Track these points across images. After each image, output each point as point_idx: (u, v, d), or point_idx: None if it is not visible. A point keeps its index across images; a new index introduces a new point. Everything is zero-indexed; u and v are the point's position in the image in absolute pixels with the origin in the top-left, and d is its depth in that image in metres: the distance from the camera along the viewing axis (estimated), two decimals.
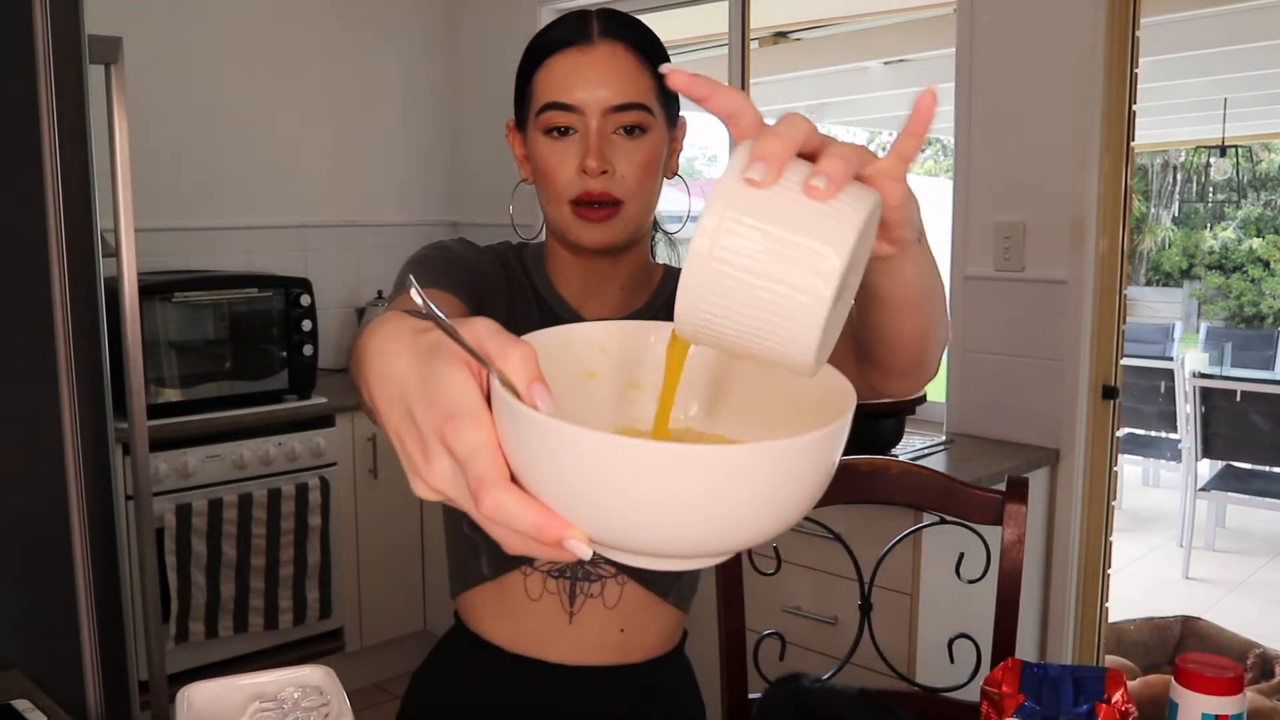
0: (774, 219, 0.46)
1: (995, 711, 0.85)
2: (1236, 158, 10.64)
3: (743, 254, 0.46)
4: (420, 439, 0.46)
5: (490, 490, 0.44)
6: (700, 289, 0.47)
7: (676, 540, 0.46)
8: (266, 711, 0.80)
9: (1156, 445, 4.90)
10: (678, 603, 1.04)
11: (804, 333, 0.46)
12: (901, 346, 0.72)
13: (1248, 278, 11.95)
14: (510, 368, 0.45)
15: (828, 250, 0.46)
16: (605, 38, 0.91)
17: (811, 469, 0.46)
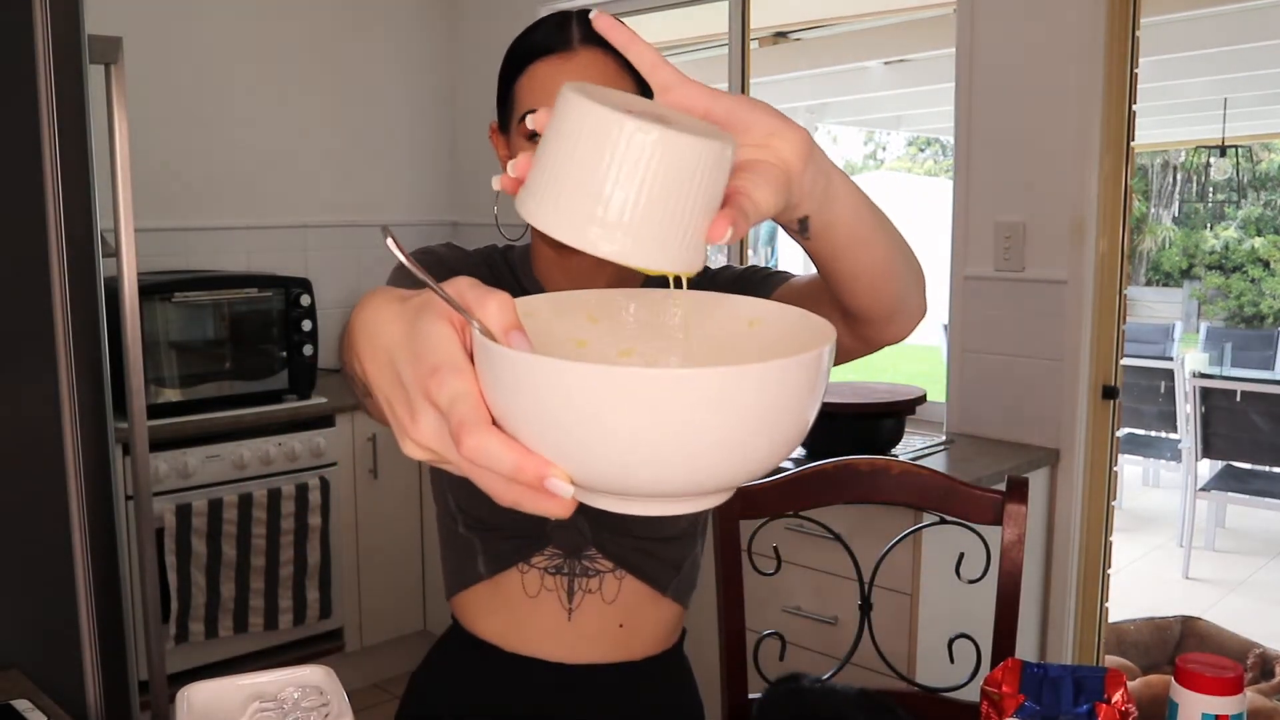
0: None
1: (995, 711, 0.85)
2: (1236, 157, 10.64)
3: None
4: (407, 398, 0.48)
5: (470, 432, 0.44)
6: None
7: (661, 474, 0.45)
8: (266, 711, 0.80)
9: (1156, 445, 4.90)
10: (676, 597, 1.04)
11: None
12: (867, 286, 0.72)
13: (1248, 278, 11.95)
14: (488, 316, 0.47)
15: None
16: (585, 44, 0.91)
17: (796, 394, 0.45)
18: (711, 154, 0.48)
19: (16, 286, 1.24)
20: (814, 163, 0.59)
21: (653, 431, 0.43)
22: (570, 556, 0.99)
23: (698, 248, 0.50)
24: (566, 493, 0.45)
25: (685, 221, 0.49)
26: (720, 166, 0.50)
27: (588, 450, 0.44)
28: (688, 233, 0.49)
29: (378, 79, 3.24)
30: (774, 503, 1.34)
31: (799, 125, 0.59)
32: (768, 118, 0.57)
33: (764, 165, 0.56)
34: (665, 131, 0.47)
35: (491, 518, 0.98)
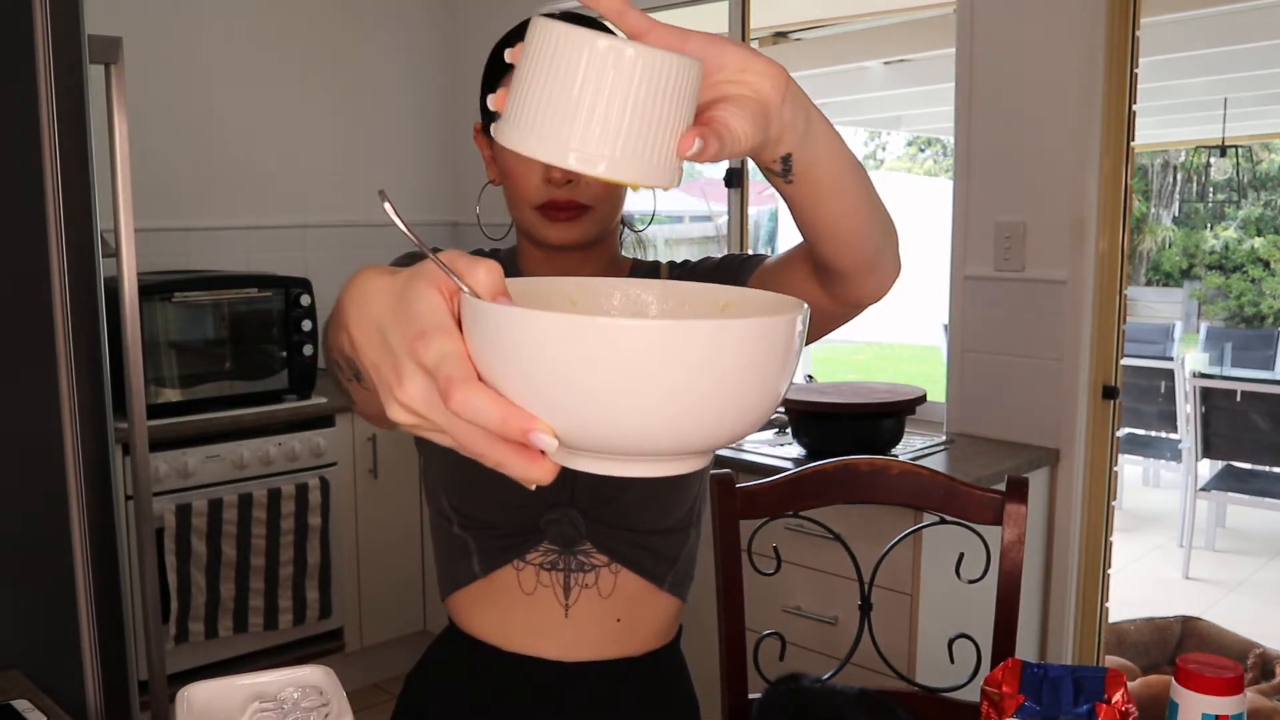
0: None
1: (995, 712, 0.85)
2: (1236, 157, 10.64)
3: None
4: (395, 361, 0.48)
5: (457, 387, 0.45)
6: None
7: (644, 426, 0.46)
8: (266, 711, 0.80)
9: (1156, 445, 4.90)
10: (674, 590, 1.04)
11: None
12: (846, 235, 0.72)
13: (1248, 278, 11.95)
14: (477, 281, 0.48)
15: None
16: None
17: (776, 352, 0.47)
18: (682, 68, 0.49)
19: (17, 287, 1.24)
20: (792, 98, 0.59)
21: (637, 381, 0.44)
22: (565, 552, 0.99)
23: (674, 163, 0.51)
24: (551, 446, 0.46)
25: (661, 136, 0.50)
26: (688, 79, 0.50)
27: (572, 401, 0.45)
28: (664, 147, 0.50)
29: (378, 79, 3.24)
30: (774, 503, 1.34)
31: (775, 62, 0.58)
32: (742, 52, 0.57)
33: (740, 98, 0.57)
34: (637, 47, 0.48)
35: (485, 516, 0.98)
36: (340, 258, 3.19)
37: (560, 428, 0.46)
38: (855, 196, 0.70)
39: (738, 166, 2.80)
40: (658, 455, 0.48)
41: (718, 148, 0.53)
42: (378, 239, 3.25)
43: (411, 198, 3.35)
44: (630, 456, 0.48)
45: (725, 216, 2.89)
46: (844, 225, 0.71)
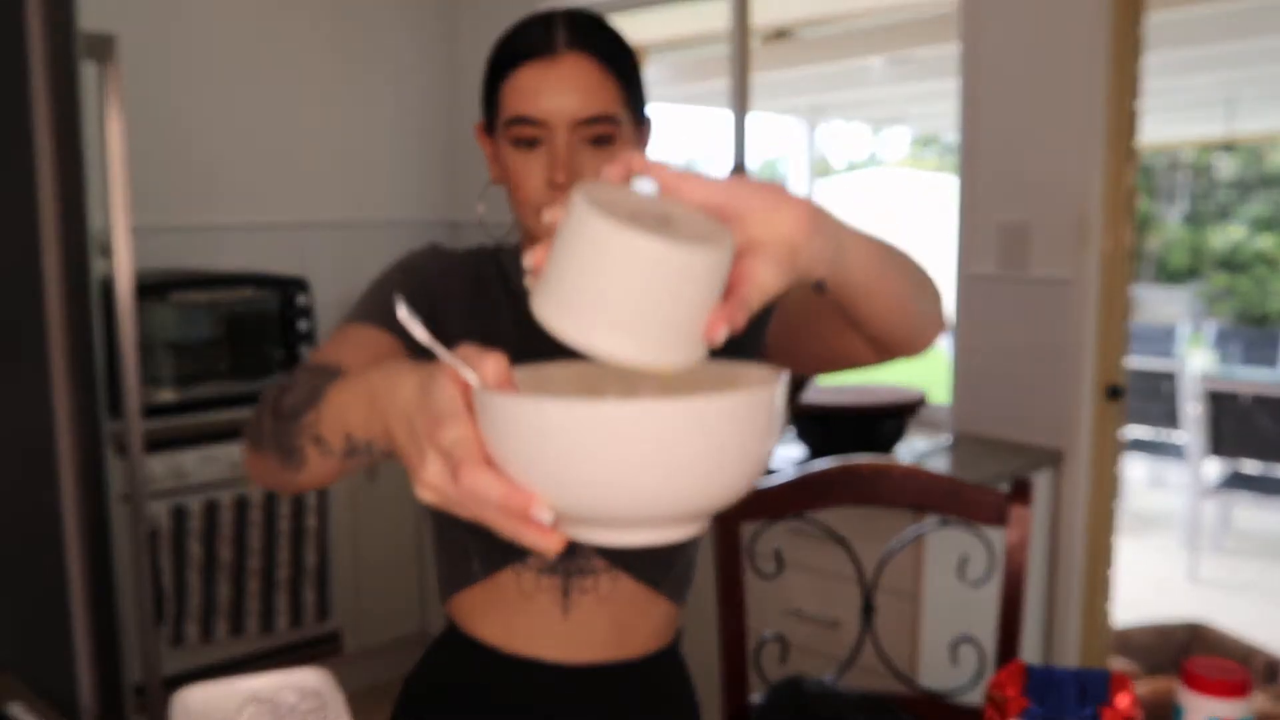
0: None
1: (999, 715, 0.83)
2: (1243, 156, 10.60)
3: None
4: (418, 445, 0.56)
5: (465, 469, 0.52)
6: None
7: (634, 499, 0.50)
8: (263, 715, 0.79)
9: (1162, 446, 4.88)
10: (671, 595, 1.04)
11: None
12: (884, 321, 0.76)
13: (1254, 277, 11.91)
14: (484, 371, 0.54)
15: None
16: (570, 49, 0.90)
17: (752, 426, 0.51)
18: (708, 260, 0.53)
19: (10, 285, 1.23)
20: (820, 231, 0.62)
21: (623, 459, 0.49)
22: (565, 556, 0.99)
23: (696, 344, 0.55)
24: (547, 519, 0.51)
25: (684, 322, 0.53)
26: (717, 269, 0.54)
27: (567, 478, 0.50)
28: (687, 332, 0.54)
29: (377, 77, 3.23)
30: (776, 504, 1.33)
31: (799, 198, 0.61)
32: (767, 197, 0.60)
33: (768, 245, 0.60)
34: (664, 244, 0.51)
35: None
36: (338, 257, 3.18)
37: (558, 503, 0.51)
38: (893, 293, 0.74)
39: (739, 164, 2.78)
40: (651, 524, 0.52)
41: (743, 317, 0.57)
42: (376, 239, 3.25)
43: (411, 198, 3.34)
44: (625, 526, 0.52)
45: None
46: (881, 317, 0.76)
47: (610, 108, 0.90)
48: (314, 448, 0.70)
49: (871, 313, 0.74)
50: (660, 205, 0.57)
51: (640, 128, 0.97)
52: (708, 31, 3.93)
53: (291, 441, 0.72)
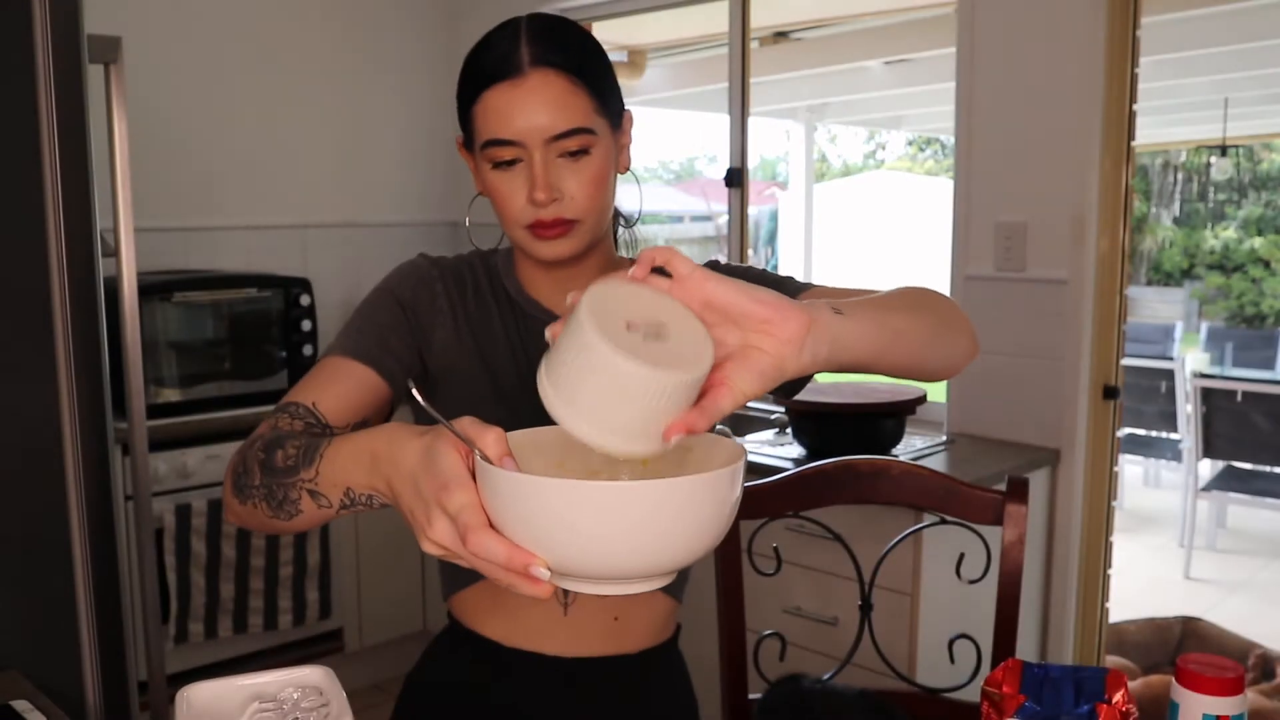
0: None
1: (996, 712, 0.84)
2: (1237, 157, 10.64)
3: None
4: (426, 507, 0.64)
5: (473, 534, 0.61)
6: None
7: (615, 562, 0.61)
8: (266, 712, 0.80)
9: (1157, 445, 4.90)
10: (669, 589, 1.05)
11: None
12: (905, 371, 0.80)
13: (1248, 278, 11.94)
14: (486, 445, 0.63)
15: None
16: (536, 66, 0.89)
17: (715, 500, 0.62)
18: (676, 382, 0.62)
19: (16, 287, 1.24)
20: (813, 337, 0.66)
21: (605, 528, 0.59)
22: None
23: (657, 441, 0.63)
24: (544, 576, 0.61)
25: (649, 424, 0.62)
26: (685, 389, 0.62)
27: (560, 544, 0.60)
28: (651, 432, 0.63)
29: (378, 79, 3.24)
30: (774, 503, 1.34)
31: (798, 310, 0.65)
32: (764, 309, 0.64)
33: (755, 354, 0.64)
34: (639, 366, 0.60)
35: None
36: (340, 258, 3.19)
37: (552, 561, 0.61)
38: (905, 353, 0.77)
39: (737, 166, 2.80)
40: (631, 579, 0.63)
41: (706, 424, 0.63)
42: (377, 239, 3.26)
43: (411, 198, 3.35)
44: (608, 581, 0.63)
45: (725, 216, 2.89)
46: (896, 370, 0.79)
47: (582, 119, 0.90)
48: (309, 500, 0.77)
49: (884, 370, 0.78)
50: (659, 311, 0.65)
51: (616, 128, 0.96)
52: (706, 34, 3.94)
53: (285, 494, 0.78)
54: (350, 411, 0.92)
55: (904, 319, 0.77)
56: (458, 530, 0.62)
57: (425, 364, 1.00)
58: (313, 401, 0.91)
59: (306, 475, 0.76)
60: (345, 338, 0.97)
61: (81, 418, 1.27)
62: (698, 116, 8.48)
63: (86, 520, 1.29)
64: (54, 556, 1.27)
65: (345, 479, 0.74)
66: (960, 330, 0.85)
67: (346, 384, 0.93)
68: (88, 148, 1.28)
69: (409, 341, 0.98)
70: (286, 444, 0.80)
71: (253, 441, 0.85)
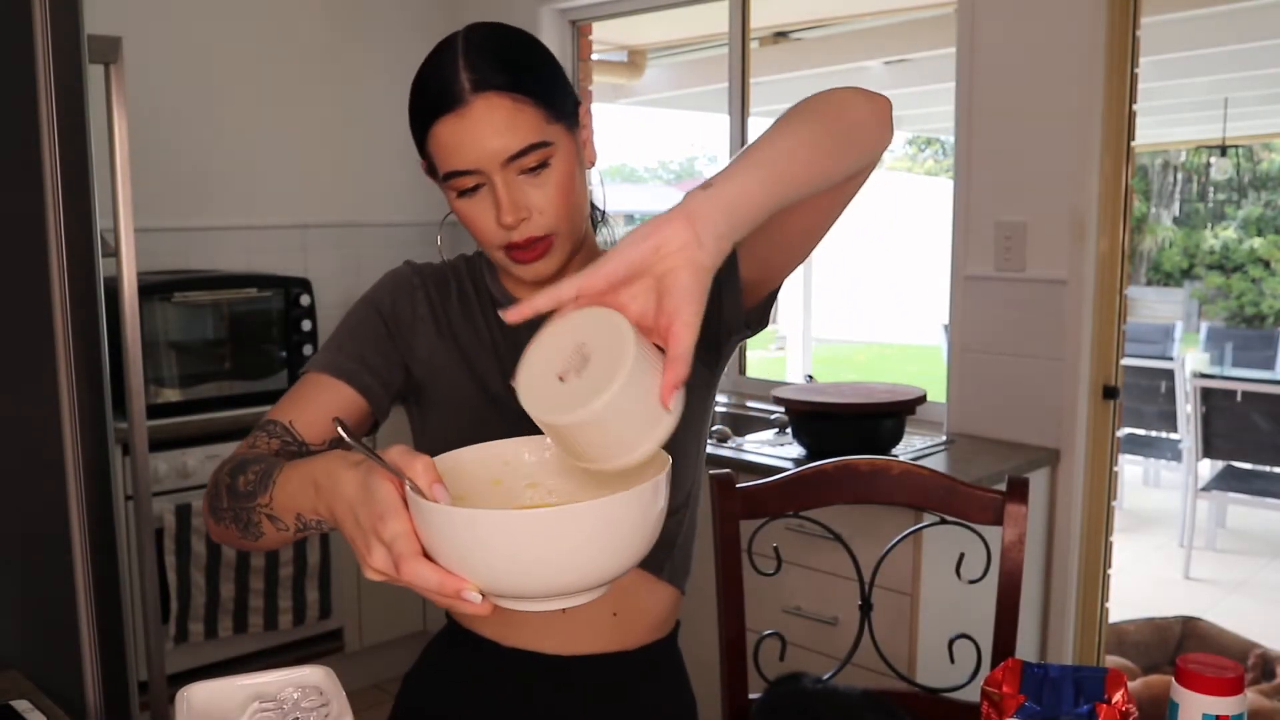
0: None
1: (996, 712, 0.84)
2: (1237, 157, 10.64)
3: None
4: (364, 536, 0.67)
5: (406, 562, 0.64)
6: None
7: (539, 583, 0.64)
8: (266, 712, 0.80)
9: (1157, 445, 4.90)
10: (671, 579, 1.04)
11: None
12: (825, 186, 0.81)
13: (1248, 278, 11.94)
14: (416, 475, 0.66)
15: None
16: (477, 92, 0.88)
17: (637, 516, 0.64)
18: (629, 377, 0.63)
19: (16, 287, 1.24)
20: (700, 224, 0.67)
21: (533, 553, 0.62)
22: None
23: (661, 419, 0.66)
24: (476, 599, 0.64)
25: (640, 421, 0.65)
26: (637, 371, 0.64)
27: (488, 569, 0.63)
28: (649, 421, 0.66)
29: (377, 79, 3.24)
30: (774, 503, 1.34)
31: (668, 215, 0.67)
32: (643, 241, 0.66)
33: (670, 279, 0.66)
34: (599, 407, 0.63)
35: None
36: (340, 258, 3.19)
37: (486, 585, 0.64)
38: (811, 170, 0.77)
39: None
40: (563, 596, 0.65)
41: (684, 368, 0.64)
42: (377, 239, 3.26)
43: (411, 198, 3.35)
44: (541, 599, 0.65)
45: None
46: (820, 187, 0.79)
47: (534, 134, 0.88)
48: (269, 524, 0.81)
49: (809, 193, 0.77)
50: (574, 335, 0.67)
51: (573, 127, 0.94)
52: (707, 34, 3.94)
53: (249, 517, 0.82)
54: (327, 429, 0.93)
55: (785, 140, 0.76)
56: (392, 559, 0.65)
57: (410, 373, 1.01)
58: (289, 420, 0.92)
59: (263, 501, 0.80)
60: (326, 353, 0.98)
61: (81, 417, 1.27)
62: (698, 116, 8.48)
63: (86, 520, 1.29)
64: (54, 556, 1.27)
65: (295, 505, 0.77)
66: (850, 103, 0.85)
67: (324, 402, 0.94)
68: (88, 148, 1.28)
69: (391, 355, 0.99)
70: (248, 469, 0.83)
71: (224, 464, 0.88)
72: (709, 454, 2.17)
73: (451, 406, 1.00)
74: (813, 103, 0.82)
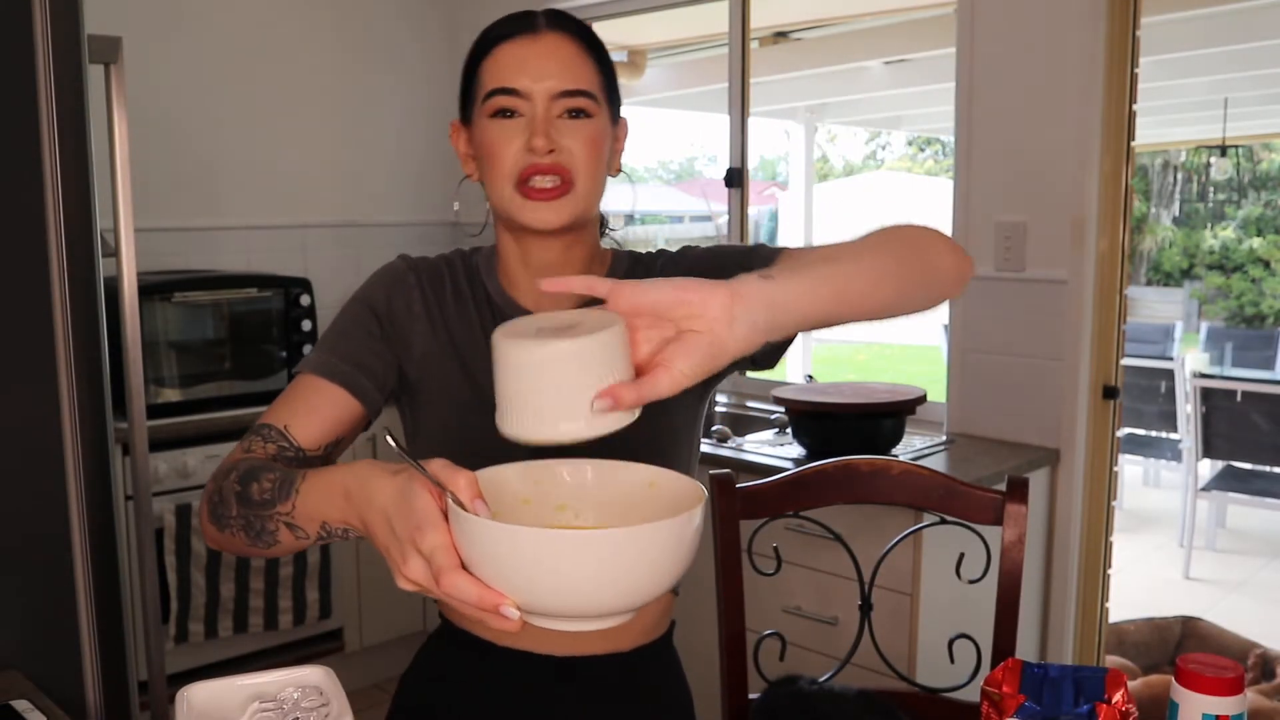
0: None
1: (996, 712, 0.84)
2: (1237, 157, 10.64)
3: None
4: (401, 546, 0.67)
5: (446, 574, 0.64)
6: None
7: (577, 602, 0.64)
8: (266, 712, 0.80)
9: (1157, 445, 4.90)
10: None
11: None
12: (885, 314, 0.80)
13: (1248, 278, 11.94)
14: (459, 489, 0.66)
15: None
16: (551, 29, 0.94)
17: (672, 545, 0.65)
18: (592, 348, 0.65)
19: (16, 287, 1.24)
20: (742, 309, 0.67)
21: (573, 573, 0.63)
22: None
23: (588, 418, 0.66)
24: (514, 615, 0.65)
25: (570, 403, 0.65)
26: (585, 355, 0.65)
27: (530, 586, 0.64)
28: (577, 409, 0.66)
29: (377, 78, 3.24)
30: (774, 503, 1.34)
31: (718, 287, 0.68)
32: (684, 293, 0.67)
33: (690, 337, 0.67)
34: (524, 346, 0.65)
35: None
36: (340, 258, 3.19)
37: (522, 601, 0.65)
38: (868, 296, 0.77)
39: (737, 166, 2.80)
40: (595, 618, 0.67)
41: (635, 398, 0.66)
42: (377, 239, 3.26)
43: (411, 198, 3.35)
44: (574, 619, 0.66)
45: (725, 216, 2.89)
46: (872, 313, 0.79)
47: (588, 84, 0.93)
48: (287, 532, 0.80)
49: (852, 318, 0.77)
50: (573, 318, 0.69)
51: (614, 122, 0.98)
52: (707, 34, 3.94)
53: (263, 525, 0.81)
54: (322, 434, 0.93)
55: (855, 263, 0.76)
56: (432, 570, 0.65)
57: (404, 372, 1.00)
58: (285, 424, 0.92)
59: (283, 509, 0.79)
60: (319, 353, 0.98)
61: (81, 418, 1.27)
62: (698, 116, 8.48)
63: (86, 520, 1.29)
64: (54, 556, 1.27)
65: (320, 514, 0.76)
66: (936, 250, 0.83)
67: (319, 405, 0.94)
68: (88, 148, 1.28)
69: (385, 356, 0.99)
70: (262, 477, 0.82)
71: (227, 471, 0.87)
72: (710, 454, 2.17)
73: (442, 406, 1.00)
74: (901, 235, 0.83)
